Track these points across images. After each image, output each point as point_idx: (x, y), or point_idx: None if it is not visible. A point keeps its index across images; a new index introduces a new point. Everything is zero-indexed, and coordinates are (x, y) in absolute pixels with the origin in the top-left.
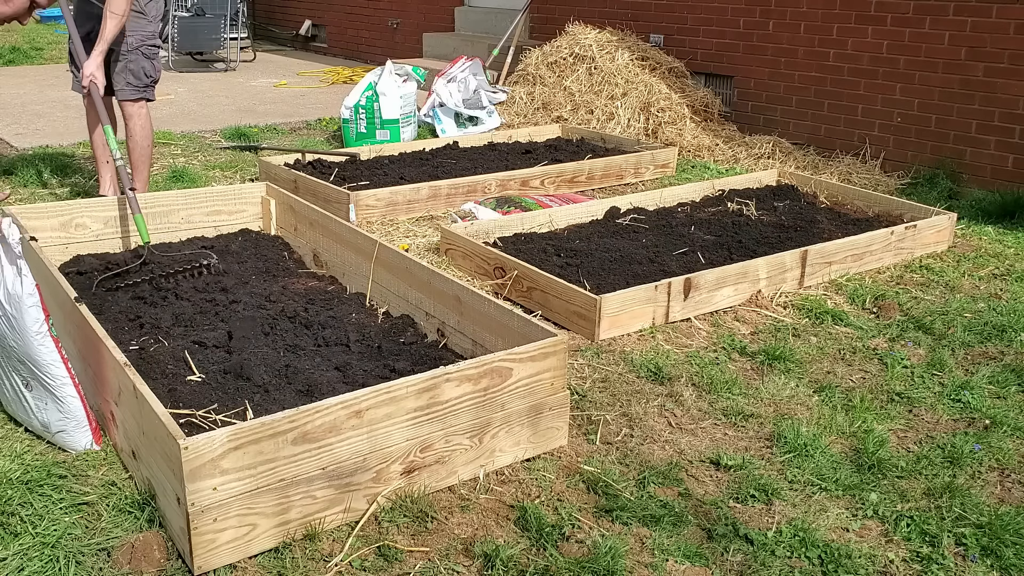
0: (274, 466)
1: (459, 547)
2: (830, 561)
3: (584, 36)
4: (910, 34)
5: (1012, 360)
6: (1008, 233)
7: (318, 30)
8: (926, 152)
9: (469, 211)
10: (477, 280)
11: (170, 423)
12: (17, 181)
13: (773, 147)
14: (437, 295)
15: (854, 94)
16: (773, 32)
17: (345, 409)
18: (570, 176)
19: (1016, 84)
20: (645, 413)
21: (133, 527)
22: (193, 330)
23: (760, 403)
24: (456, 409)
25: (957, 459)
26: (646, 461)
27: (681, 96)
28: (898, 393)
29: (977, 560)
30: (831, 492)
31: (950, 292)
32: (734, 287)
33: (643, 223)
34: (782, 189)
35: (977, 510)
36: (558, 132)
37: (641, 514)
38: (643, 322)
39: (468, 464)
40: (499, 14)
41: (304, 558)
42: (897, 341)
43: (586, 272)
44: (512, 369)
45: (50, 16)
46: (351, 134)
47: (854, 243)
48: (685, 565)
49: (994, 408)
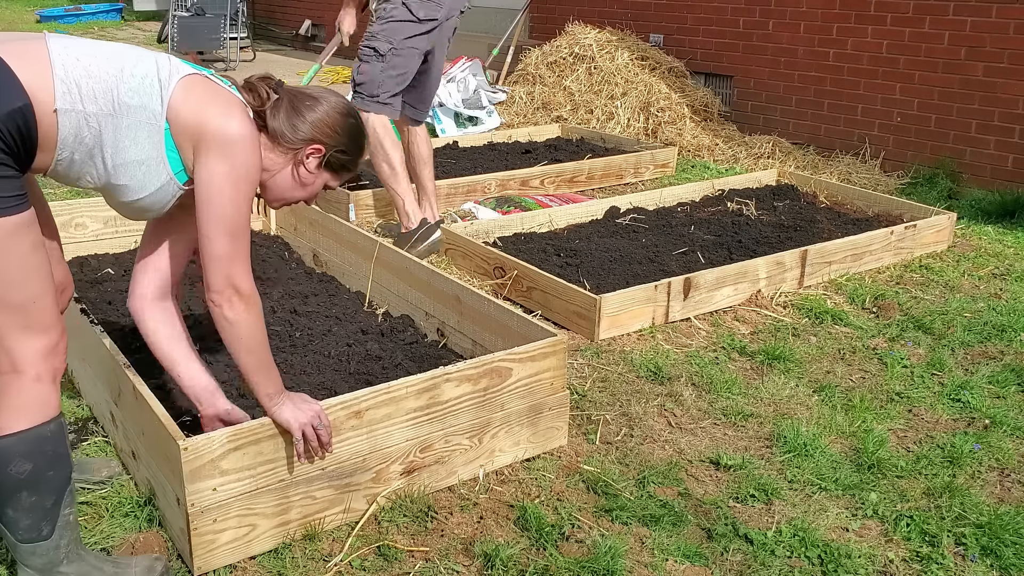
0: (274, 467)
1: (459, 547)
2: (830, 561)
3: (584, 36)
4: (910, 34)
5: (1012, 360)
6: (1008, 233)
7: (318, 30)
8: (926, 152)
9: (469, 211)
10: (477, 280)
11: (170, 424)
12: None
13: (773, 147)
14: (437, 295)
15: (854, 94)
16: (773, 32)
17: (345, 409)
18: (570, 176)
19: (1016, 84)
20: (645, 413)
21: (133, 527)
22: (192, 329)
23: (760, 403)
24: (456, 409)
25: (957, 459)
26: (646, 461)
27: (681, 96)
28: (898, 393)
29: (977, 560)
30: (831, 492)
31: (950, 292)
32: (734, 287)
33: (643, 223)
34: (782, 189)
35: (977, 510)
36: (558, 132)
37: (641, 514)
38: (643, 322)
39: (468, 464)
40: (499, 14)
41: (304, 558)
42: (897, 341)
43: (586, 272)
44: (512, 369)
45: (50, 16)
46: None
47: (854, 243)
48: (685, 565)
49: (994, 408)
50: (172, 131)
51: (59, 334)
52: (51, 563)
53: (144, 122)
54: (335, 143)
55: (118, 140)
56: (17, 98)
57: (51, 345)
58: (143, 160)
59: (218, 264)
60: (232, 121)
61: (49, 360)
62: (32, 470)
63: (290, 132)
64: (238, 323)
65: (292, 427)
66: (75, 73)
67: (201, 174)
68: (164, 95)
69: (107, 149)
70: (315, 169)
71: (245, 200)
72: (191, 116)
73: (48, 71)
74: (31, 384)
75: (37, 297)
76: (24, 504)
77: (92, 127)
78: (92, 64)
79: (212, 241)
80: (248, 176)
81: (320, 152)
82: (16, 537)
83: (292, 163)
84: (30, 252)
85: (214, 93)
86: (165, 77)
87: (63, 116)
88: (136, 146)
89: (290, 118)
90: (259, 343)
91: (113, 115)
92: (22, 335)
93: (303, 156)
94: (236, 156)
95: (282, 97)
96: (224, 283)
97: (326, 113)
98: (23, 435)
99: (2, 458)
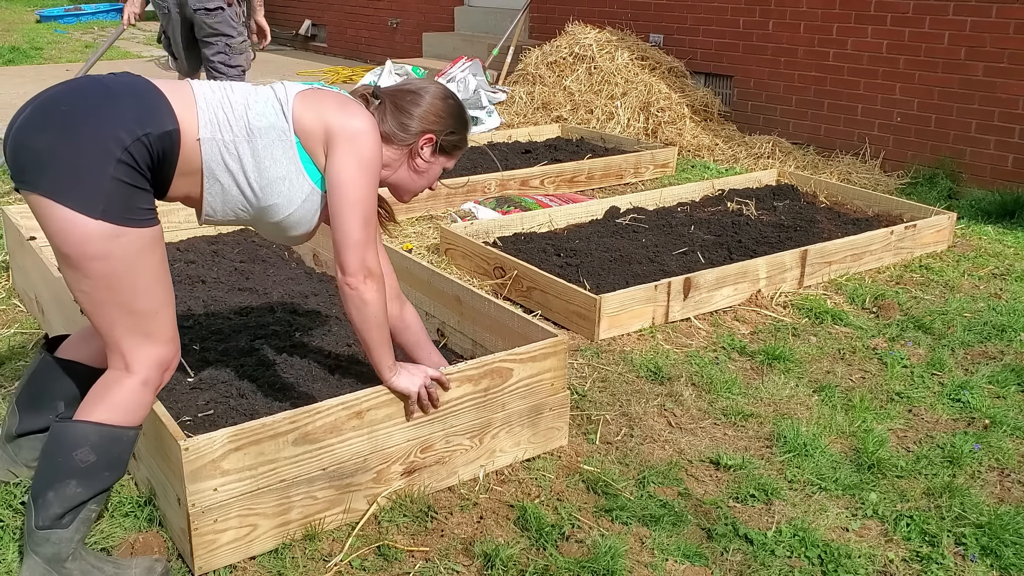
0: (275, 467)
1: (459, 547)
2: (830, 561)
3: (584, 36)
4: (910, 34)
5: (1012, 360)
6: (1008, 233)
7: (318, 30)
8: (926, 152)
9: (469, 211)
10: (477, 280)
11: (171, 423)
12: None
13: (773, 147)
14: (437, 295)
15: (854, 94)
16: (773, 32)
17: (346, 410)
18: (570, 176)
19: (1016, 84)
20: (645, 413)
21: (133, 527)
22: (192, 329)
23: (760, 403)
24: (457, 409)
25: (957, 459)
26: (646, 461)
27: (681, 96)
28: (898, 393)
29: (977, 560)
30: (831, 492)
31: (950, 292)
32: (734, 287)
33: (643, 223)
34: (782, 189)
35: (977, 510)
36: (558, 132)
37: (641, 514)
38: (643, 322)
39: (468, 464)
40: (499, 14)
41: (304, 558)
42: (897, 341)
43: (586, 272)
44: (512, 369)
45: (50, 16)
46: None
47: (854, 243)
48: (685, 565)
49: (994, 408)
50: (303, 143)
51: (176, 350)
52: (59, 555)
53: (277, 140)
54: (444, 128)
55: (259, 161)
56: (170, 122)
57: (167, 357)
58: (285, 176)
59: (355, 249)
60: (353, 117)
61: (160, 370)
62: (93, 464)
63: (401, 130)
64: (373, 302)
65: (411, 392)
66: (213, 105)
67: (333, 167)
68: (287, 111)
69: (250, 172)
70: (430, 157)
71: (374, 187)
72: (315, 122)
73: (193, 105)
74: (137, 386)
75: (160, 308)
76: (68, 492)
77: (232, 153)
78: (225, 97)
79: (349, 227)
80: (374, 164)
81: (432, 140)
82: (38, 522)
83: (408, 157)
84: (160, 264)
85: (330, 97)
86: (283, 96)
87: (205, 144)
88: (276, 164)
89: (397, 117)
90: (385, 320)
91: (248, 139)
92: (142, 341)
93: (417, 148)
94: (362, 146)
95: (383, 100)
96: (360, 266)
97: (430, 104)
98: (103, 428)
99: (75, 439)
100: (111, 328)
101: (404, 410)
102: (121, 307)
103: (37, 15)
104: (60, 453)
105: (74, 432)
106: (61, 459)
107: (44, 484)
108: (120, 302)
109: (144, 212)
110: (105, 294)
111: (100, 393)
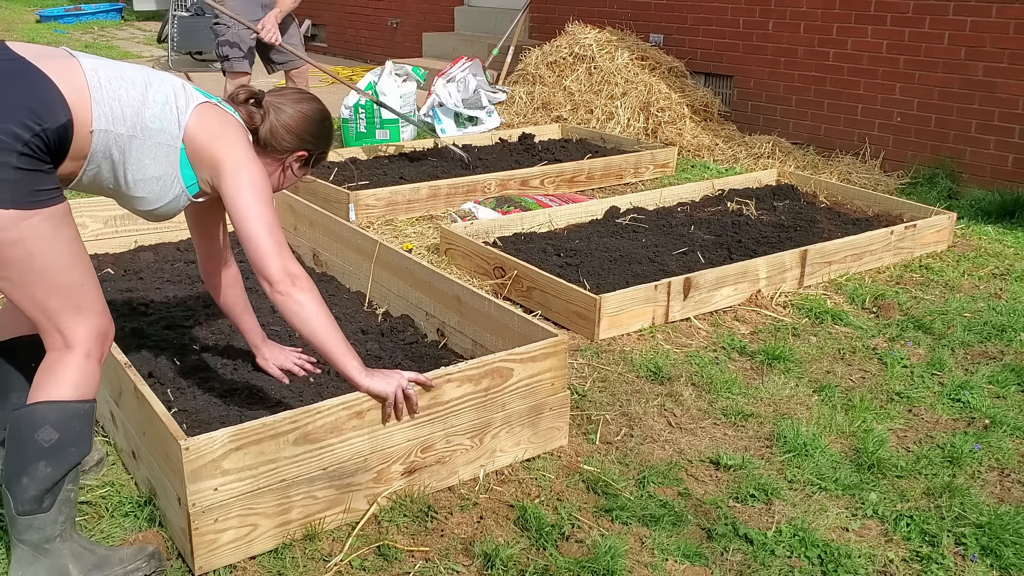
0: (275, 466)
1: (459, 547)
2: (830, 561)
3: (584, 36)
4: (910, 34)
5: (1012, 360)
6: (1008, 233)
7: (318, 30)
8: (926, 152)
9: (469, 211)
10: (477, 280)
11: (171, 423)
12: None
13: (773, 147)
14: (437, 295)
15: (854, 94)
16: (773, 32)
17: (346, 409)
18: (570, 176)
19: (1016, 84)
20: (645, 413)
21: (133, 527)
22: (193, 329)
23: (760, 403)
24: (457, 409)
25: (957, 459)
26: (646, 461)
27: (681, 96)
28: (898, 393)
29: (977, 560)
30: (831, 492)
31: (950, 292)
32: (734, 287)
33: (643, 223)
34: (782, 189)
35: (977, 510)
36: (558, 132)
37: (641, 514)
38: (643, 322)
39: (468, 464)
40: (499, 14)
41: (304, 558)
42: (897, 341)
43: (586, 272)
44: (513, 369)
45: (50, 16)
46: (351, 133)
47: (854, 243)
48: (685, 565)
49: (994, 408)
50: (188, 152)
51: (109, 320)
52: (46, 538)
53: (163, 144)
54: (316, 148)
55: (141, 158)
56: (64, 115)
57: (103, 327)
58: (160, 176)
59: (271, 258)
60: (239, 149)
61: (99, 341)
62: (57, 441)
63: (277, 144)
64: (307, 302)
65: (388, 394)
66: (108, 97)
67: (228, 192)
68: (181, 120)
69: (130, 165)
70: (298, 170)
71: (269, 199)
72: (206, 145)
73: (86, 93)
74: (81, 360)
75: (85, 279)
76: (40, 474)
77: (120, 146)
78: (120, 89)
79: (259, 241)
80: (264, 184)
81: (304, 157)
82: (18, 508)
83: (280, 167)
84: (75, 238)
85: (223, 122)
86: (183, 105)
87: (98, 135)
88: (155, 164)
89: (275, 133)
90: (330, 319)
91: (138, 137)
92: (75, 315)
93: (290, 162)
94: (251, 171)
95: (266, 111)
96: (282, 272)
97: (306, 122)
98: (59, 405)
99: (34, 421)
100: (43, 309)
101: (381, 414)
102: (47, 286)
103: (37, 15)
104: (24, 438)
105: (32, 415)
106: (26, 443)
107: (15, 471)
108: (45, 281)
109: (50, 192)
110: (28, 276)
111: (47, 374)
